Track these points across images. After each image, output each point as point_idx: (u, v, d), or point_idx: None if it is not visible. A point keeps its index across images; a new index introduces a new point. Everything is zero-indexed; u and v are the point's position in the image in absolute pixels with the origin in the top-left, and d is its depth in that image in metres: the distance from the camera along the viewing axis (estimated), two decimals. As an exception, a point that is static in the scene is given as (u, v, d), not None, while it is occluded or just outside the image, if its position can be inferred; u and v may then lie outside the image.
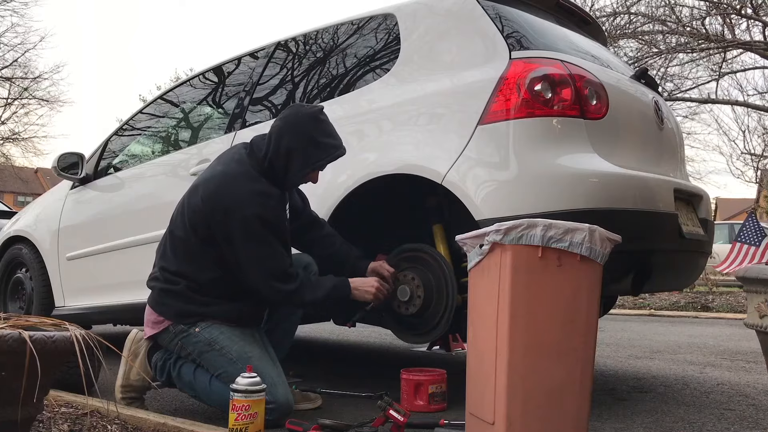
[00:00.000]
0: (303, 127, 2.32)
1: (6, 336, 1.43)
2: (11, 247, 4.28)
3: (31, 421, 1.61)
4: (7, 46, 21.08)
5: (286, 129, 2.34)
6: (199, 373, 2.32)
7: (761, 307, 1.91)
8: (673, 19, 12.15)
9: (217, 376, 2.28)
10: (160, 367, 2.40)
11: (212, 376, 2.30)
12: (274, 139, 2.35)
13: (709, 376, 3.34)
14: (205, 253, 2.32)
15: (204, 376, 2.32)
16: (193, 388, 2.34)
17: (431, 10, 2.77)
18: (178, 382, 2.38)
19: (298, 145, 2.32)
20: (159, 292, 2.38)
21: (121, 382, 2.43)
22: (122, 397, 2.41)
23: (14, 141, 23.98)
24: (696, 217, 2.88)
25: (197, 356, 2.31)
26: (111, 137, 4.01)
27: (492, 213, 2.26)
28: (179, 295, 2.33)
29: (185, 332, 2.31)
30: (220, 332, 2.30)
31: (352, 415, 2.33)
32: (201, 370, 2.33)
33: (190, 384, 2.35)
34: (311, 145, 2.33)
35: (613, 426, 2.24)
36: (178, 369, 2.37)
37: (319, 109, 2.37)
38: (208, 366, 2.30)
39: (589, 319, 1.77)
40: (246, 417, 1.97)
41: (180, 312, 2.33)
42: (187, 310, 2.32)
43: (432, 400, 2.43)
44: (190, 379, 2.34)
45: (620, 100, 2.60)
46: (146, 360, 2.45)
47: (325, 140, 2.35)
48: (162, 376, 2.40)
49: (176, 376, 2.37)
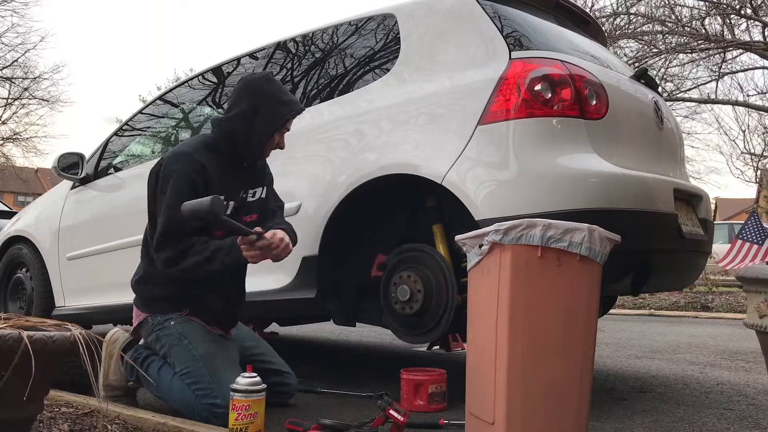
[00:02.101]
0: (261, 88, 2.36)
1: (6, 336, 1.43)
2: (11, 247, 4.28)
3: (31, 421, 1.61)
4: (8, 46, 21.12)
5: (243, 94, 2.36)
6: (164, 371, 2.35)
7: (761, 307, 1.91)
8: (672, 19, 12.16)
9: (180, 374, 2.29)
10: (130, 366, 2.44)
11: (174, 374, 2.32)
12: (234, 107, 2.37)
13: (709, 376, 3.34)
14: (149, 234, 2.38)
15: (167, 375, 2.34)
16: (157, 386, 2.36)
17: (431, 10, 2.77)
18: (144, 380, 2.40)
19: (259, 104, 2.33)
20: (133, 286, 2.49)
21: (102, 382, 2.48)
22: (106, 396, 2.46)
23: (15, 141, 24.00)
24: (696, 217, 2.88)
25: (168, 349, 2.34)
26: (111, 137, 4.02)
27: (492, 213, 2.26)
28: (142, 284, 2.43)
29: (161, 325, 2.35)
30: (192, 328, 2.33)
31: (352, 415, 2.33)
32: (165, 369, 2.35)
33: (155, 383, 2.37)
34: (272, 101, 2.34)
35: (613, 426, 2.24)
36: (145, 368, 2.39)
37: (269, 72, 2.43)
38: (175, 360, 2.32)
39: (588, 319, 1.77)
40: (246, 417, 1.97)
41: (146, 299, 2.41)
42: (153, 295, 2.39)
43: (432, 400, 2.44)
44: (155, 377, 2.36)
45: (620, 100, 2.60)
46: (119, 360, 2.48)
47: (286, 96, 2.39)
48: (132, 375, 2.45)
49: (142, 374, 2.39)
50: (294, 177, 2.85)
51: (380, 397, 2.10)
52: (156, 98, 4.05)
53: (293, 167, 2.87)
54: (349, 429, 2.05)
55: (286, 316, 3.72)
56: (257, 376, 2.03)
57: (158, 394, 2.39)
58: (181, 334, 2.32)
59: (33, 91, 22.66)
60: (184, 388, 2.26)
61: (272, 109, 2.34)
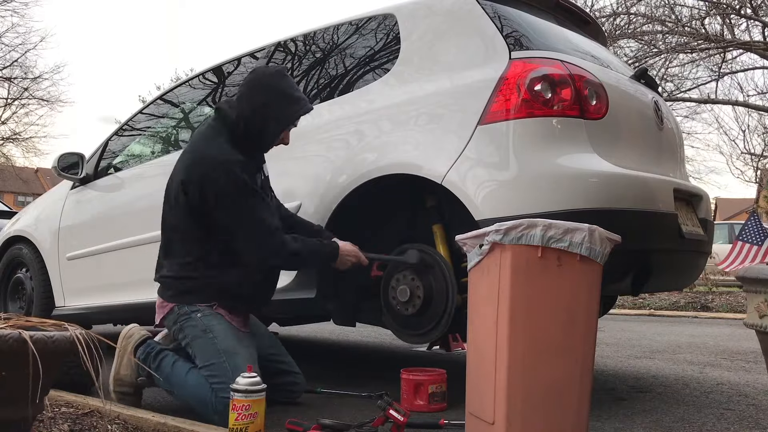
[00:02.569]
0: (273, 83, 2.39)
1: (6, 336, 1.43)
2: (11, 247, 4.28)
3: (31, 421, 1.61)
4: (8, 47, 21.10)
5: (257, 88, 2.39)
6: (178, 366, 2.36)
7: (761, 307, 1.91)
8: (672, 19, 12.16)
9: (200, 366, 2.30)
10: (142, 361, 2.45)
11: (190, 368, 2.33)
12: (246, 100, 2.39)
13: (709, 375, 3.34)
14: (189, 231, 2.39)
15: (182, 369, 2.35)
16: (169, 380, 2.37)
17: (431, 10, 2.77)
18: (156, 376, 2.40)
19: (271, 100, 2.37)
20: (159, 278, 2.49)
21: (113, 375, 2.48)
22: (115, 390, 2.46)
23: (14, 141, 23.98)
24: (696, 217, 2.88)
25: (190, 340, 2.35)
26: (111, 137, 4.02)
27: (492, 213, 2.26)
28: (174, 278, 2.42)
29: (187, 315, 2.37)
30: (218, 322, 2.35)
31: (352, 415, 2.33)
32: (180, 363, 2.36)
33: (167, 377, 2.37)
34: (284, 98, 2.38)
35: (613, 426, 2.24)
36: (158, 362, 2.40)
37: (283, 67, 2.43)
38: (197, 352, 2.33)
39: (588, 319, 1.77)
40: (246, 417, 1.97)
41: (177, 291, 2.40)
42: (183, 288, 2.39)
43: (432, 400, 2.44)
44: (169, 371, 2.37)
45: (620, 100, 2.60)
46: (132, 356, 2.48)
47: (297, 93, 2.42)
48: (144, 371, 2.45)
49: (155, 368, 2.40)
50: (294, 177, 2.85)
51: (380, 397, 2.10)
52: (156, 98, 4.05)
53: (293, 167, 2.87)
54: (349, 429, 2.05)
55: (286, 315, 3.72)
56: (257, 375, 2.03)
57: (170, 388, 2.39)
58: (205, 327, 2.33)
59: (33, 91, 22.66)
60: (199, 382, 2.26)
61: (283, 106, 2.38)
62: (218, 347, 2.29)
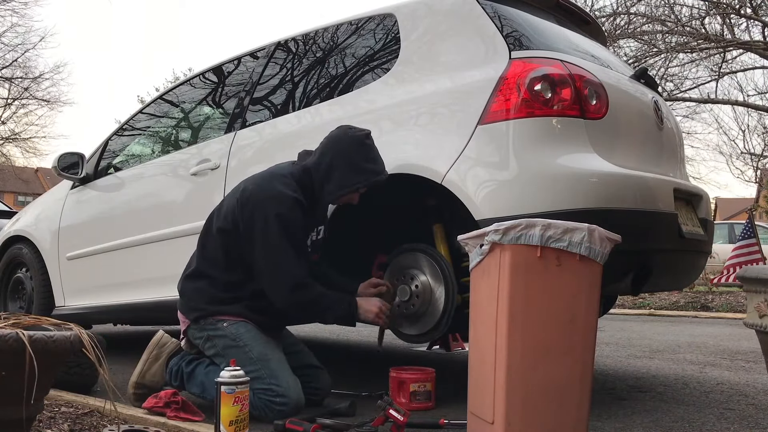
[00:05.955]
0: (346, 149, 2.39)
1: (6, 336, 1.43)
2: (11, 247, 4.28)
3: (31, 420, 1.61)
4: (8, 46, 21.10)
5: (330, 147, 2.42)
6: (212, 372, 2.37)
7: (761, 306, 1.92)
8: (672, 18, 12.15)
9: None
10: (175, 371, 2.49)
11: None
12: (318, 155, 2.44)
13: (709, 375, 3.34)
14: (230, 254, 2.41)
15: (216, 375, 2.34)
16: (204, 386, 2.40)
17: (431, 9, 2.77)
18: (189, 383, 2.45)
19: (339, 164, 2.38)
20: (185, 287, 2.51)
21: (135, 379, 2.49)
22: (133, 393, 2.48)
23: (14, 141, 23.98)
24: (696, 216, 2.88)
25: (222, 350, 2.37)
26: (111, 137, 4.02)
27: (492, 213, 2.26)
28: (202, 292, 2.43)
29: (213, 326, 2.39)
30: (246, 330, 2.38)
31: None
32: (214, 368, 2.38)
33: (201, 384, 2.41)
34: (351, 167, 2.38)
35: (613, 425, 2.24)
36: (192, 369, 2.45)
37: (366, 133, 2.42)
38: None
39: (588, 319, 1.77)
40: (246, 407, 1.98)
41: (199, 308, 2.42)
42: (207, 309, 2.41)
43: (413, 399, 2.44)
44: (203, 378, 2.41)
45: (620, 99, 2.60)
46: (165, 365, 2.52)
47: (366, 165, 2.40)
48: (176, 380, 2.48)
49: (188, 375, 2.44)
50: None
51: (380, 397, 2.11)
52: (156, 98, 4.05)
53: (293, 167, 2.86)
54: (349, 429, 2.05)
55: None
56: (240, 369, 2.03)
57: (202, 393, 2.42)
58: (235, 336, 2.36)
59: (33, 91, 22.68)
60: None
61: (346, 174, 2.39)
62: (250, 356, 2.32)
